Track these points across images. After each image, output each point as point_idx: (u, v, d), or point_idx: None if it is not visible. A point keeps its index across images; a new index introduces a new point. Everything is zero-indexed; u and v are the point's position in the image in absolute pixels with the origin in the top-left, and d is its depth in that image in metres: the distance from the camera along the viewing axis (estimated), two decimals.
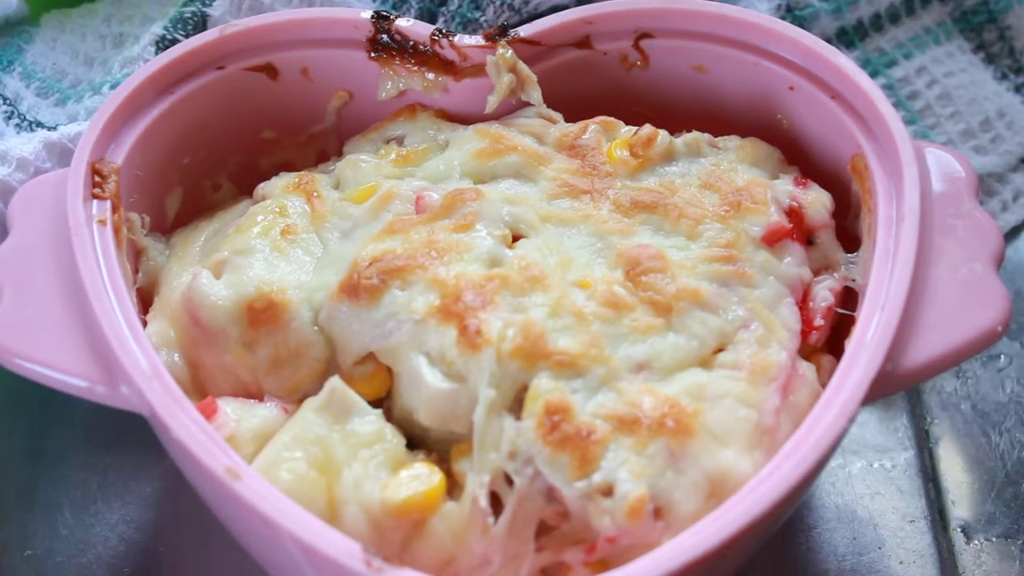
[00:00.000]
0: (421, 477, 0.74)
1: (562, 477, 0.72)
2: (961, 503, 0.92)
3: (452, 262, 0.80)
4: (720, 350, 0.79)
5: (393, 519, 0.73)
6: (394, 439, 0.77)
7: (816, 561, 0.90)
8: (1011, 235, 1.06)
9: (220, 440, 0.73)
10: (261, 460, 0.74)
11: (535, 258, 0.81)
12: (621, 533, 0.71)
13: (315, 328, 0.81)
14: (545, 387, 0.74)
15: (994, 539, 0.90)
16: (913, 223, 0.79)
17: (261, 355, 0.81)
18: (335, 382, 0.77)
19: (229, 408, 0.78)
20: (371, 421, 0.77)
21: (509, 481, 0.73)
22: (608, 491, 0.71)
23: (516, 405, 0.75)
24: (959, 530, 0.91)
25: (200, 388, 0.83)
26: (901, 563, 0.90)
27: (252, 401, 0.81)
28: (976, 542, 0.90)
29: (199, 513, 0.83)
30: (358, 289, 0.80)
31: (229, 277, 0.82)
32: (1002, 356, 0.99)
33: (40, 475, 0.94)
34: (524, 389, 0.75)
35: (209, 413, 0.77)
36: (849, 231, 0.87)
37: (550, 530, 0.74)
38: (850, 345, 0.76)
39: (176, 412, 0.74)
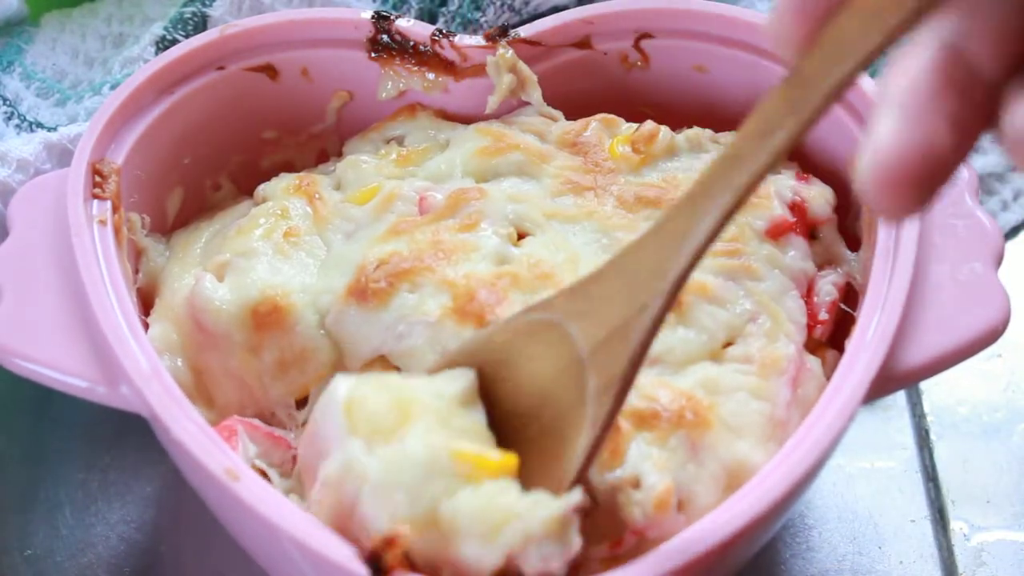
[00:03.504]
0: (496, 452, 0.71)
1: (595, 467, 0.72)
2: (961, 503, 0.92)
3: (459, 262, 0.80)
4: (729, 343, 0.79)
5: (451, 464, 0.68)
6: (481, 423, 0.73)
7: (816, 561, 0.90)
8: (1011, 235, 1.06)
9: (220, 441, 0.73)
10: (369, 376, 0.72)
11: (543, 255, 0.80)
12: (649, 525, 0.71)
13: (321, 331, 0.81)
14: None
15: (994, 539, 0.90)
16: (913, 223, 0.80)
17: (266, 359, 0.81)
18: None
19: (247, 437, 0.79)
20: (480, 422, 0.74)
21: None
22: (635, 484, 0.72)
23: None
24: (959, 530, 0.91)
25: (205, 393, 0.83)
26: (901, 563, 0.90)
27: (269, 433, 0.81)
28: (976, 542, 0.90)
29: (200, 513, 0.83)
30: (366, 292, 0.80)
31: (232, 280, 0.82)
32: (1002, 355, 0.99)
33: (40, 475, 0.93)
34: None
35: (226, 438, 0.77)
36: (850, 231, 0.88)
37: None
38: (850, 344, 0.76)
39: (176, 412, 0.73)
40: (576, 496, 0.67)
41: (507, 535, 0.66)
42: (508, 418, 0.73)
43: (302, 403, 0.83)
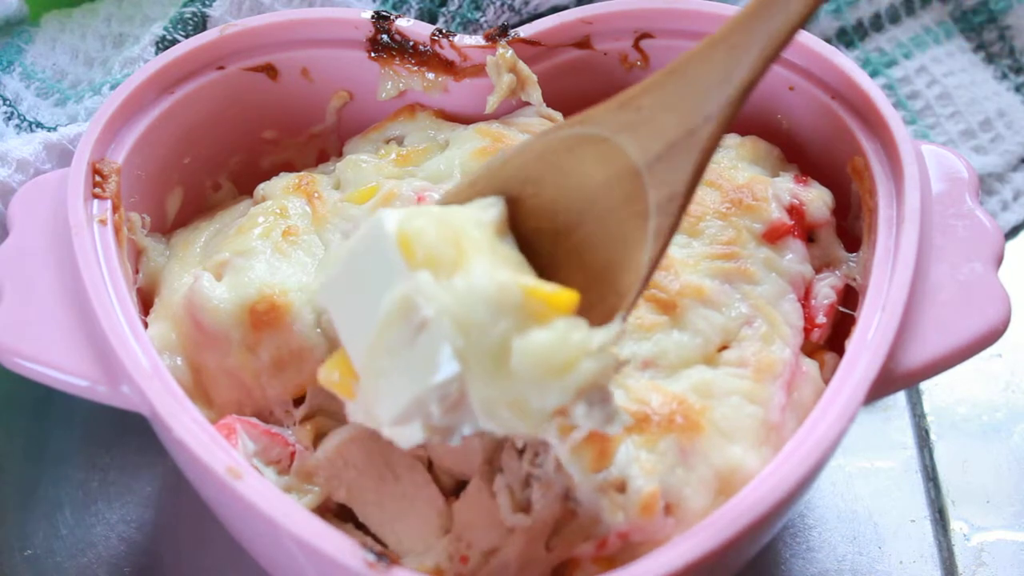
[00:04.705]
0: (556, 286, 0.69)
1: (581, 469, 0.72)
2: (961, 503, 0.92)
3: None
4: (724, 347, 0.79)
5: (521, 299, 0.66)
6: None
7: (816, 561, 0.90)
8: (1011, 235, 1.06)
9: (221, 439, 0.73)
10: (396, 212, 0.70)
11: None
12: (633, 529, 0.71)
13: (318, 330, 0.81)
14: None
15: (994, 539, 0.90)
16: (914, 223, 0.80)
17: (264, 358, 0.81)
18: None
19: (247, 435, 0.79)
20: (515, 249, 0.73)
21: (527, 482, 0.74)
22: (621, 487, 0.72)
23: None
24: (959, 530, 0.91)
25: (203, 392, 0.83)
26: (901, 563, 0.90)
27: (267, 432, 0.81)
28: (976, 542, 0.90)
29: (199, 513, 0.83)
30: None
31: (230, 279, 0.82)
32: (1002, 355, 0.99)
33: (40, 475, 0.93)
34: None
35: (226, 436, 0.77)
36: (849, 231, 0.88)
37: (558, 529, 0.74)
38: (851, 345, 0.76)
39: (177, 411, 0.74)
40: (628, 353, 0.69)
41: (579, 373, 0.65)
42: (535, 236, 0.72)
43: (299, 402, 0.83)
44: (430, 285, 0.66)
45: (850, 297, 0.84)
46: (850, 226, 0.88)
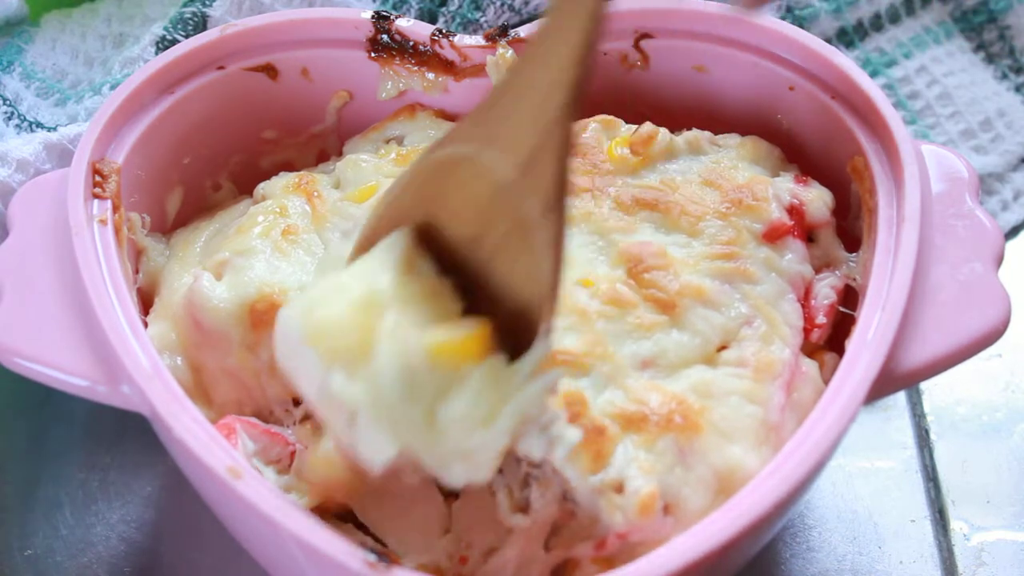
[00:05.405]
0: (464, 326, 0.69)
1: (577, 471, 0.72)
2: (961, 503, 0.92)
3: None
4: (724, 347, 0.79)
5: (429, 363, 0.67)
6: (452, 304, 0.72)
7: (816, 561, 0.90)
8: (1011, 235, 1.06)
9: (222, 439, 0.73)
10: (308, 296, 0.70)
11: None
12: (632, 529, 0.71)
13: None
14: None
15: (994, 539, 0.90)
16: (914, 223, 0.80)
17: (264, 357, 0.81)
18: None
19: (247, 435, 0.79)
20: (431, 277, 0.73)
21: (526, 482, 0.74)
22: (619, 488, 0.72)
23: None
24: (959, 530, 0.91)
25: (203, 392, 0.83)
26: (901, 563, 0.90)
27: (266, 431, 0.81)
28: (976, 542, 0.90)
29: (200, 513, 0.83)
30: None
31: (230, 279, 0.82)
32: (1002, 355, 0.99)
33: (40, 474, 0.93)
34: None
35: (226, 436, 0.77)
36: (849, 231, 0.88)
37: (557, 530, 0.74)
38: (851, 345, 0.76)
39: (177, 411, 0.74)
40: (553, 374, 0.68)
41: (504, 418, 0.66)
42: (459, 243, 0.72)
43: (299, 401, 0.83)
44: (342, 383, 0.67)
45: (850, 297, 0.84)
46: (850, 226, 0.88)
